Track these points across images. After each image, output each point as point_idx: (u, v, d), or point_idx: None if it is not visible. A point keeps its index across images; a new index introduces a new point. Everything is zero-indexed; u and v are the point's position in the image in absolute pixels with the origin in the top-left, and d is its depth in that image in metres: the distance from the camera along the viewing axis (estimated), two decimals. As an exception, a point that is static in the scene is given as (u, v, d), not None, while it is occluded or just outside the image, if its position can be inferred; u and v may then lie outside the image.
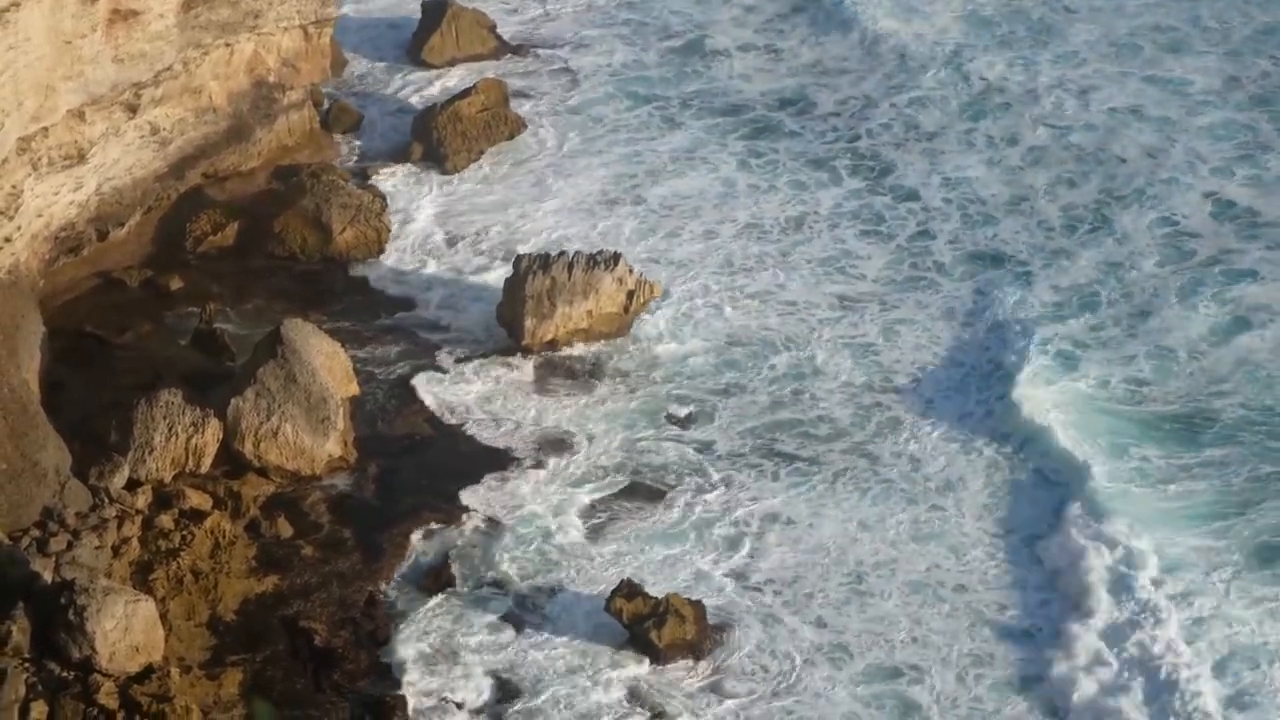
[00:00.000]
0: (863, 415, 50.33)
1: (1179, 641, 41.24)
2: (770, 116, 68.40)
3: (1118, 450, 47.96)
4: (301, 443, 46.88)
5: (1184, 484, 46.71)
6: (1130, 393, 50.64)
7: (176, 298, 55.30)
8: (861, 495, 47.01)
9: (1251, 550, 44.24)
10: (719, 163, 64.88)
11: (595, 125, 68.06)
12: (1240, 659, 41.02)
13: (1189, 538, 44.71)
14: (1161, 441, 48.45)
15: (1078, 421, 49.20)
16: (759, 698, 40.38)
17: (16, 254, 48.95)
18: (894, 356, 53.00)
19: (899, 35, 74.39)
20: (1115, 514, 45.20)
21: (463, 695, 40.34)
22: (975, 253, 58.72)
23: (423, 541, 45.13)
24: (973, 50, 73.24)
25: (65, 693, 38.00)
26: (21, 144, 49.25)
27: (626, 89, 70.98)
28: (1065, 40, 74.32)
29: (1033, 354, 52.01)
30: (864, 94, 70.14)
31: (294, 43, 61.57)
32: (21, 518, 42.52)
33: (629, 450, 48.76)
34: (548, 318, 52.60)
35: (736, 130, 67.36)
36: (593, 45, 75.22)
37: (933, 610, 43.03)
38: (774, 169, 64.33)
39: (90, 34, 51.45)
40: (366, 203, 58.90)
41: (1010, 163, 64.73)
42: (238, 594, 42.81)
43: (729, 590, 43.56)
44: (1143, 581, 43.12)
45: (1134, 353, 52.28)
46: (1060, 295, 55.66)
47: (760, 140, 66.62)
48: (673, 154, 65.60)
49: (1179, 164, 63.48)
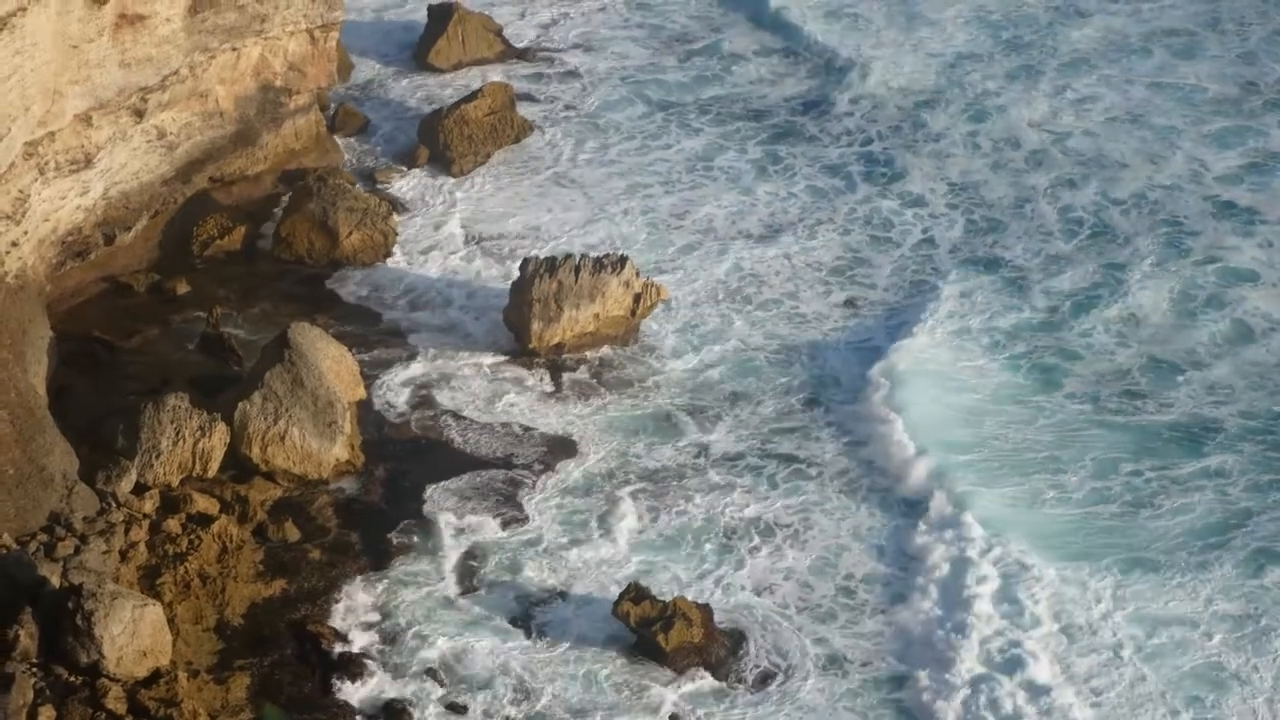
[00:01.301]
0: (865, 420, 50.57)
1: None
2: (790, 121, 68.61)
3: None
4: (309, 447, 46.87)
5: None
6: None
7: (183, 302, 55.34)
8: (858, 503, 47.14)
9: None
10: (728, 166, 65.12)
11: (599, 129, 68.18)
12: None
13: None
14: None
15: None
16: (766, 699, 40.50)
17: (23, 259, 48.96)
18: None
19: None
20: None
21: (469, 699, 40.29)
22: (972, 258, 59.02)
23: (430, 545, 45.08)
24: (974, 62, 73.49)
25: (73, 697, 37.97)
26: (28, 149, 49.27)
27: (639, 92, 71.16)
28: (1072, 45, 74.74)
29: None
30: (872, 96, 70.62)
31: (300, 47, 61.59)
32: (29, 522, 42.54)
33: (634, 455, 48.74)
34: (554, 321, 52.58)
35: (753, 135, 67.57)
36: (602, 49, 75.33)
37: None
38: (790, 174, 64.44)
39: (97, 38, 51.46)
40: (373, 206, 58.93)
41: (1014, 166, 64.88)
42: (245, 598, 42.79)
43: (736, 594, 43.52)
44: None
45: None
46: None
47: (777, 145, 66.92)
48: (680, 157, 65.83)
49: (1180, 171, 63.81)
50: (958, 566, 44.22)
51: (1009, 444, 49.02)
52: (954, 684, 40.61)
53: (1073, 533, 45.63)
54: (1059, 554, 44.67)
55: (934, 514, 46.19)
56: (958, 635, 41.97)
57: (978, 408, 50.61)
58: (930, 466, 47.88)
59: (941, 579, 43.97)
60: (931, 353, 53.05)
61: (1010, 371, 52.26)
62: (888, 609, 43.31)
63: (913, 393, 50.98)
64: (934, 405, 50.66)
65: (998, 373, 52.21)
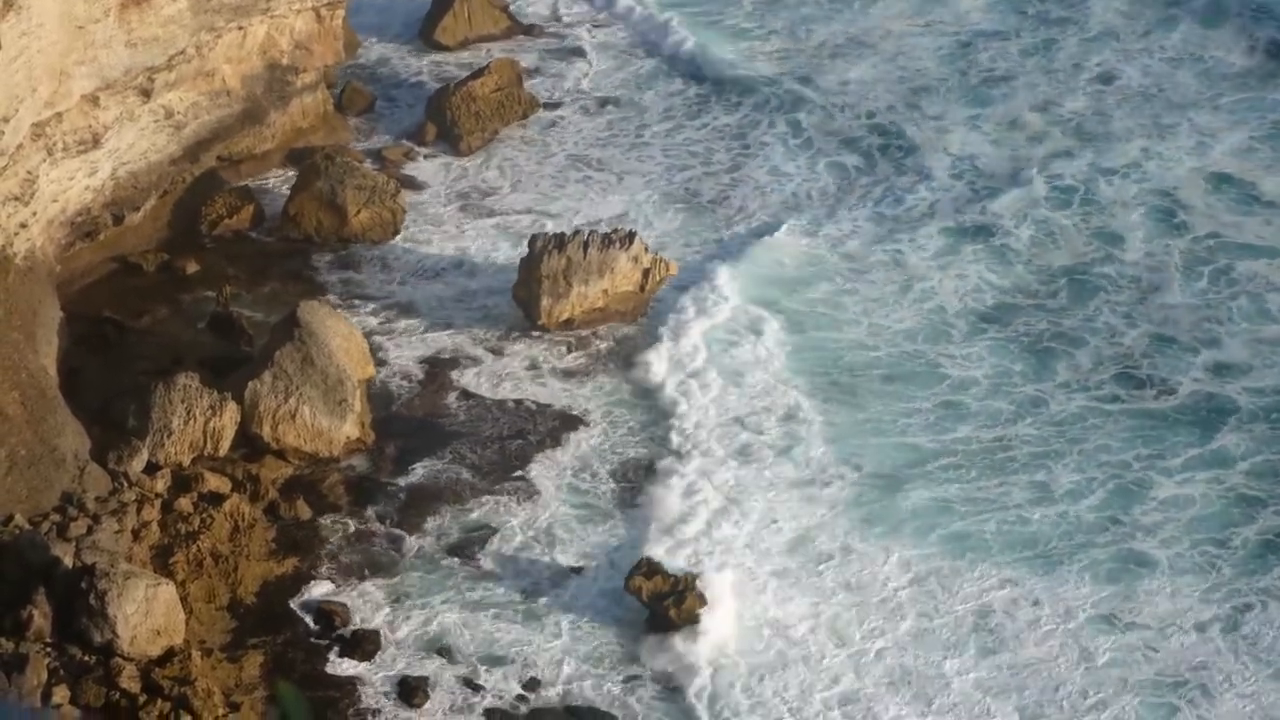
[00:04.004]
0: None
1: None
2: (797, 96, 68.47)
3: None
4: (319, 425, 46.92)
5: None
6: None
7: (193, 281, 55.32)
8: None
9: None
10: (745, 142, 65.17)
11: (606, 105, 68.04)
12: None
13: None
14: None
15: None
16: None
17: (32, 240, 48.98)
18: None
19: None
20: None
21: (483, 675, 40.37)
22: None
23: (441, 522, 45.16)
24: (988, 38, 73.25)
25: (87, 676, 38.10)
26: (36, 130, 49.24)
27: (642, 69, 70.96)
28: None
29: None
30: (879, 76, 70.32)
31: (306, 25, 61.45)
32: (41, 503, 42.63)
33: (646, 429, 48.75)
34: (563, 297, 52.54)
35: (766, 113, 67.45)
36: (608, 24, 75.21)
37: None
38: (810, 151, 64.37)
39: (103, 19, 51.38)
40: (381, 184, 58.86)
41: (1016, 140, 64.66)
42: (257, 576, 42.87)
43: (746, 568, 43.50)
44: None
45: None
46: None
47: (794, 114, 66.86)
48: (690, 134, 65.77)
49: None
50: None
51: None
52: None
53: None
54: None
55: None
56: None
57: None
58: None
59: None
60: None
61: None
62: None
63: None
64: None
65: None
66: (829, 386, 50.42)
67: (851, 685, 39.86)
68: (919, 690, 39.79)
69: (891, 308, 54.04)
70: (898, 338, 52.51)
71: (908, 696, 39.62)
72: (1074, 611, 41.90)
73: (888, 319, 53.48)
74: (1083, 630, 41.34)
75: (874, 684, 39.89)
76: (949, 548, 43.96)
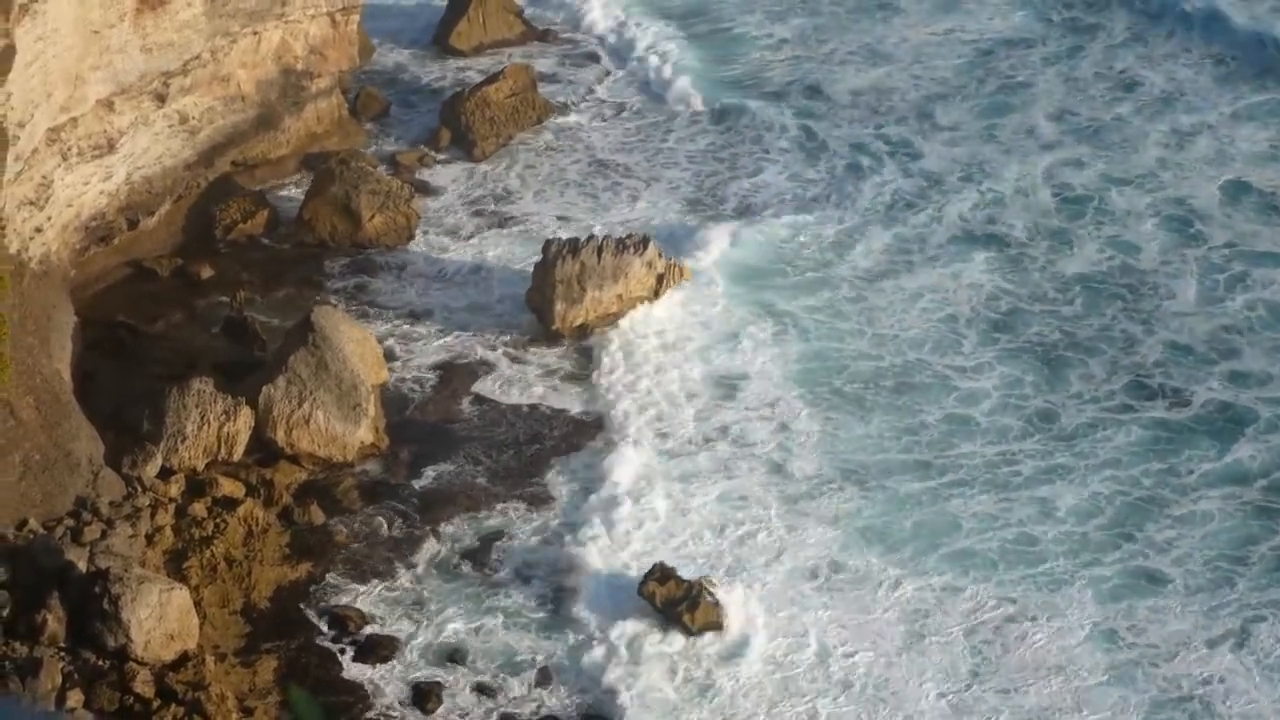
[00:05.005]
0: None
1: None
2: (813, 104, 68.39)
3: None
4: (333, 430, 46.92)
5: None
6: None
7: (207, 286, 55.40)
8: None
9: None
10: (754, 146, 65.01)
11: (620, 110, 68.04)
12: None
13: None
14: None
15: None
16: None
17: (47, 244, 49.04)
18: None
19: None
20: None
21: (498, 680, 40.32)
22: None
23: (455, 528, 45.12)
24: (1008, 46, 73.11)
25: (101, 681, 38.07)
26: (51, 134, 49.33)
27: (656, 76, 71.00)
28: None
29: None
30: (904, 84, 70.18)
31: (321, 30, 61.57)
32: (55, 507, 42.63)
33: (661, 436, 48.61)
34: (577, 302, 52.51)
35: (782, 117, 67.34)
36: (623, 30, 75.21)
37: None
38: (828, 152, 64.25)
39: (118, 24, 51.49)
40: (395, 189, 58.89)
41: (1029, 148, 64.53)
42: (271, 581, 42.86)
43: (759, 575, 43.38)
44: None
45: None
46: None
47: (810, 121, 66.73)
48: (702, 139, 65.68)
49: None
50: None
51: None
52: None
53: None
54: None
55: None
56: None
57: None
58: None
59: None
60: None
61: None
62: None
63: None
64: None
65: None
66: (831, 395, 50.18)
67: (843, 707, 39.36)
68: (911, 713, 39.13)
69: (899, 315, 53.81)
70: (903, 346, 52.23)
71: (899, 718, 39.08)
72: (1073, 629, 41.31)
73: (893, 327, 53.23)
74: (1083, 648, 40.78)
75: (867, 705, 39.37)
76: (951, 565, 43.37)
